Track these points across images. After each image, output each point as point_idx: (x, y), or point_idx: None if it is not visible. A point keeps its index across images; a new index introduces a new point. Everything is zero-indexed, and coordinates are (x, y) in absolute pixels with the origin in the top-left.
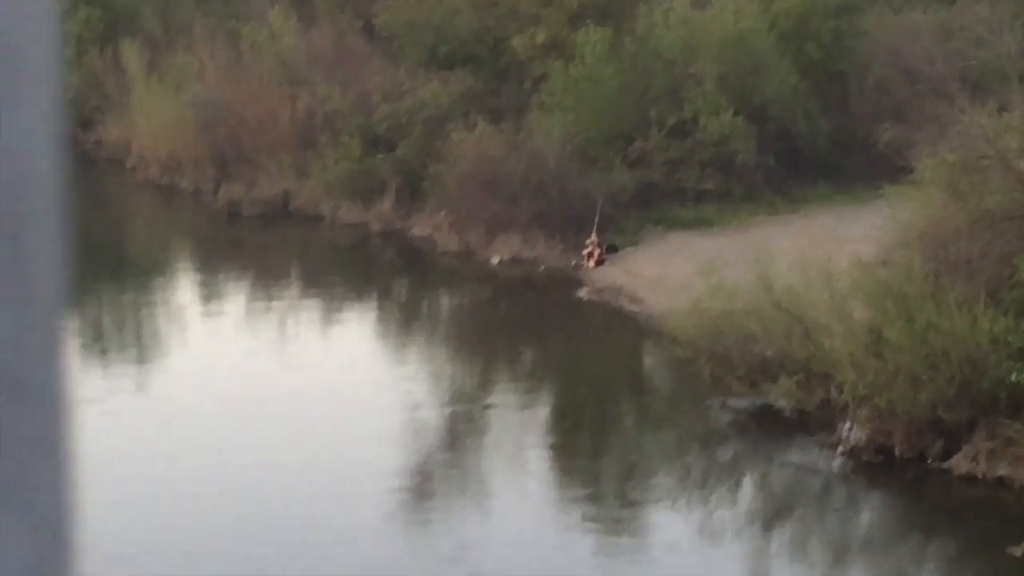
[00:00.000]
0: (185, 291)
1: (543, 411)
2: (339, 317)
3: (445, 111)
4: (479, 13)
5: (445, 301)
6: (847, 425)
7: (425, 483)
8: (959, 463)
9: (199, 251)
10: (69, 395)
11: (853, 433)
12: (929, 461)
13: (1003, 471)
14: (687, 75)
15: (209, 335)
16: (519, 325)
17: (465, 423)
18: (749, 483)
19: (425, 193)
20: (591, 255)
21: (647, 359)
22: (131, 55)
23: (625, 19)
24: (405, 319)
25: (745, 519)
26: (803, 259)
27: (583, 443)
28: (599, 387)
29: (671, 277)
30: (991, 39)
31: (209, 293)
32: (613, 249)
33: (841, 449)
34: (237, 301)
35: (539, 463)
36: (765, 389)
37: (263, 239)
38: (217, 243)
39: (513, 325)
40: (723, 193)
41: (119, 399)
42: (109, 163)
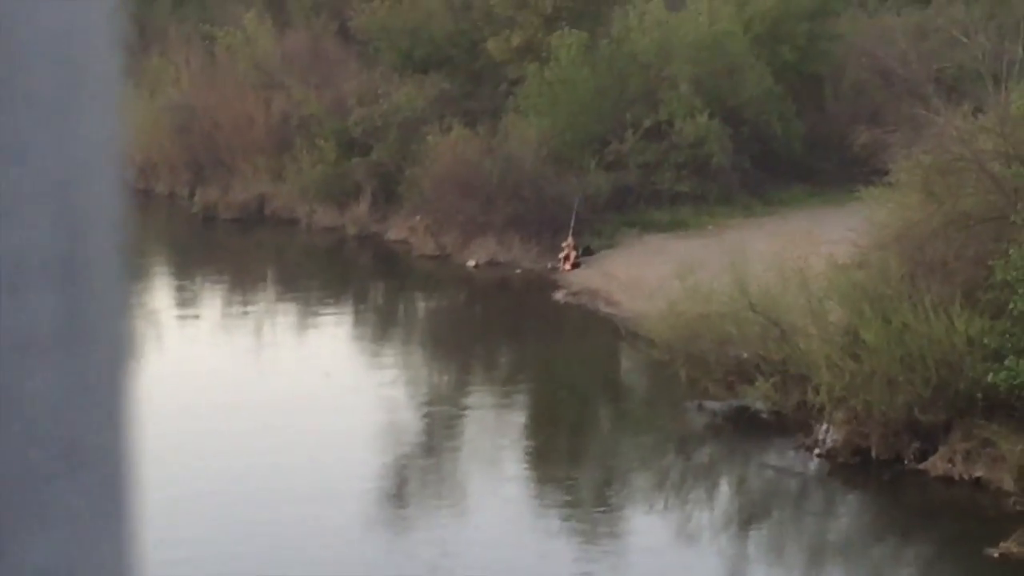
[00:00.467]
0: (161, 295)
1: (520, 414)
2: (316, 321)
3: (420, 114)
4: (454, 16)
5: (422, 304)
6: (824, 427)
7: (403, 488)
8: (936, 464)
9: (175, 255)
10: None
11: (830, 435)
12: (906, 462)
13: (980, 472)
14: (662, 78)
15: (185, 340)
16: (496, 328)
17: (443, 427)
18: (726, 485)
19: (401, 196)
20: (567, 258)
21: (624, 361)
22: None
23: (600, 22)
24: (382, 322)
25: (722, 521)
26: (779, 261)
27: (560, 446)
28: (576, 390)
29: (647, 279)
30: (966, 41)
31: (185, 297)
32: (589, 252)
33: (818, 451)
34: (213, 305)
35: (517, 467)
36: (742, 391)
37: (239, 243)
38: (193, 247)
39: (490, 328)
40: (699, 195)
41: None
42: None
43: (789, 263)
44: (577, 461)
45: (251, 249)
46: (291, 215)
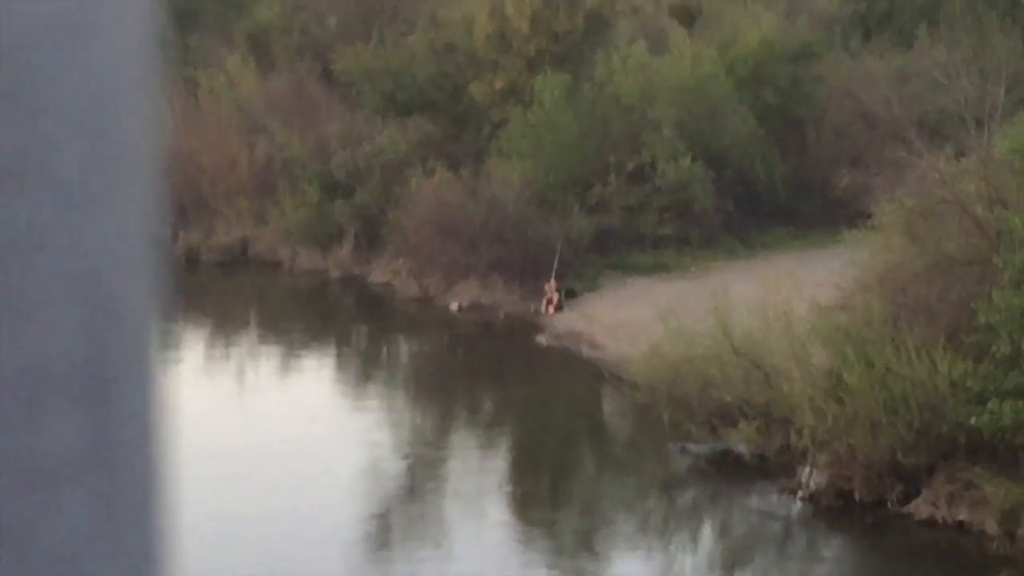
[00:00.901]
0: None
1: (504, 458)
2: (299, 365)
3: (403, 157)
4: (437, 59)
5: (405, 347)
6: (807, 470)
7: (384, 533)
8: (919, 507)
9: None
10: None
11: (813, 478)
12: (889, 505)
13: (963, 515)
14: (645, 121)
15: (167, 384)
16: (479, 371)
17: (425, 471)
18: (709, 529)
19: (384, 239)
20: (550, 301)
21: (607, 405)
22: None
23: (583, 65)
24: (365, 366)
25: (706, 565)
26: (762, 304)
27: (543, 490)
28: (559, 433)
29: (630, 323)
30: (948, 84)
31: (167, 341)
32: (572, 295)
33: (801, 494)
34: (196, 348)
35: (500, 511)
36: (725, 434)
37: (222, 286)
38: (175, 290)
39: (473, 371)
40: (681, 238)
41: None
42: None
43: (772, 306)
44: (560, 505)
45: (234, 292)
46: (274, 257)
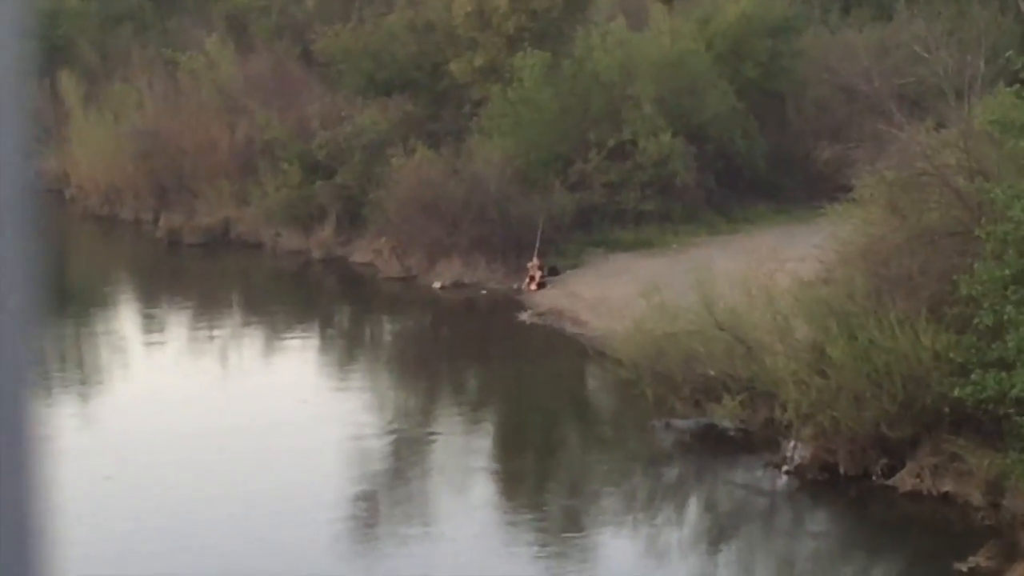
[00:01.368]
0: (126, 321)
1: (488, 435)
2: (282, 345)
3: (384, 136)
4: (416, 38)
5: (388, 326)
6: (791, 444)
7: (370, 512)
8: (903, 480)
9: (140, 281)
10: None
11: (797, 451)
12: (874, 478)
13: (948, 487)
14: (625, 97)
15: (152, 366)
16: (462, 349)
17: (410, 449)
18: (694, 504)
19: (366, 219)
20: (532, 278)
21: (590, 381)
22: (69, 85)
23: (563, 42)
24: (348, 345)
25: (691, 540)
26: (744, 279)
27: (528, 467)
28: (543, 410)
29: (613, 299)
30: (927, 56)
31: (151, 323)
32: (554, 272)
33: (786, 468)
34: (179, 331)
35: (484, 488)
36: (709, 409)
37: (204, 267)
38: (158, 272)
39: (456, 349)
40: (663, 214)
41: (62, 432)
42: (48, 194)
43: (755, 280)
44: (545, 482)
45: (216, 273)
46: (256, 239)
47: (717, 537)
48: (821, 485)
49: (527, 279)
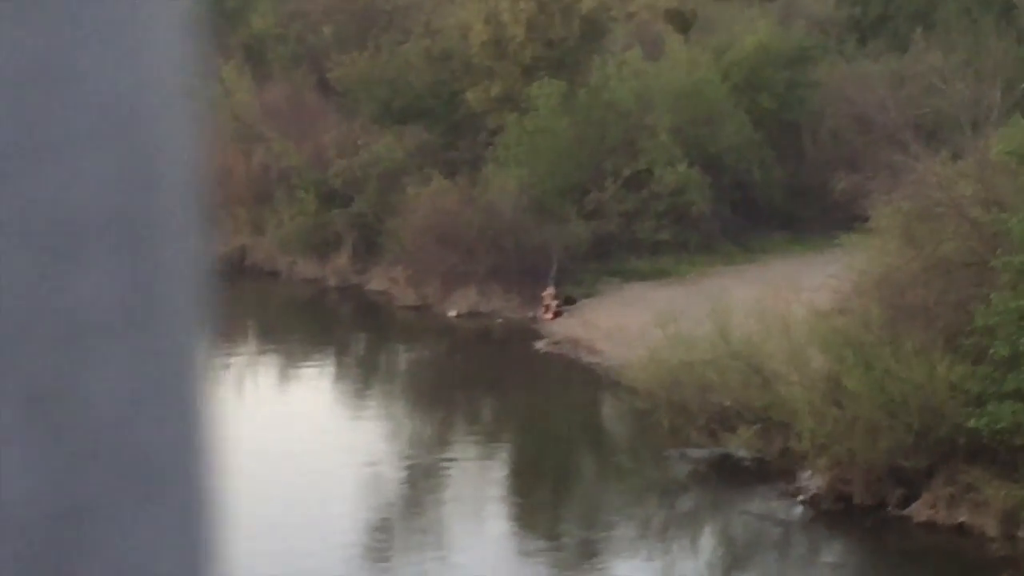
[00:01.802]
0: None
1: (503, 464)
2: (297, 373)
3: (400, 165)
4: (433, 67)
5: (403, 355)
6: (806, 474)
7: (386, 539)
8: (919, 510)
9: None
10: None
11: (812, 481)
12: (889, 508)
13: (963, 517)
14: (642, 126)
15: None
16: (478, 378)
17: (426, 477)
18: (710, 533)
19: (381, 247)
20: (548, 307)
21: (606, 410)
22: None
23: (579, 71)
24: (364, 374)
25: (706, 569)
26: (760, 308)
27: (543, 495)
28: (559, 439)
29: (628, 328)
30: (943, 87)
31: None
32: (570, 301)
33: (801, 497)
34: None
35: (500, 516)
36: (724, 439)
37: (219, 296)
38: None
39: (472, 378)
40: (679, 244)
41: None
42: None
43: (770, 310)
44: (560, 511)
45: (232, 301)
46: (272, 267)
47: (732, 567)
48: (836, 515)
49: (543, 308)
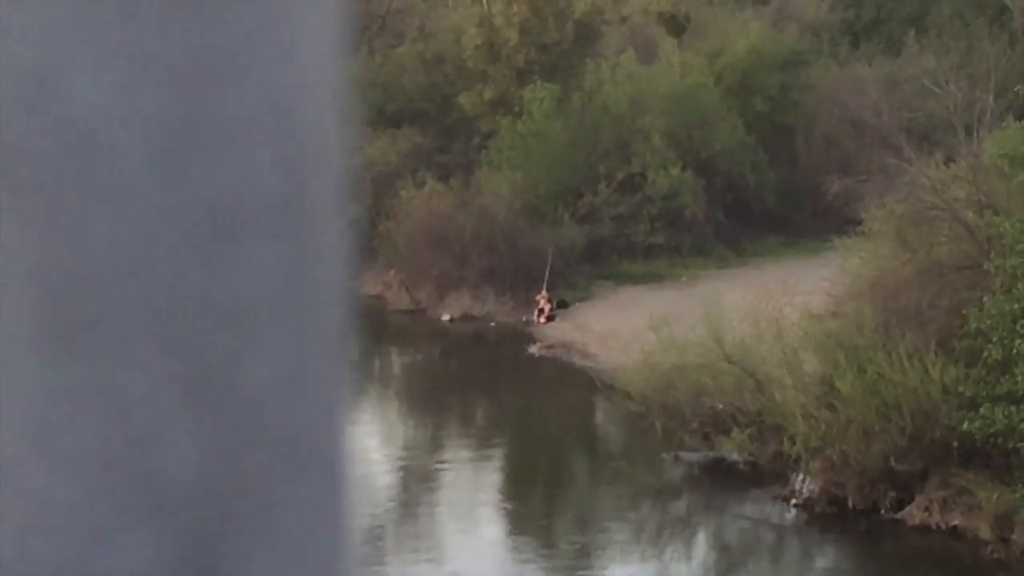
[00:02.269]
0: None
1: (497, 468)
2: None
3: (393, 169)
4: (426, 71)
5: (397, 359)
6: (800, 477)
7: (378, 547)
8: (912, 513)
9: None
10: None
11: (806, 485)
12: (882, 512)
13: (956, 520)
14: (635, 130)
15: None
16: (471, 381)
17: (419, 480)
18: (703, 537)
19: (375, 251)
20: (541, 311)
21: (599, 414)
22: None
23: (572, 75)
24: (357, 378)
25: (701, 573)
26: (753, 312)
27: (537, 499)
28: (552, 442)
29: (622, 332)
30: (937, 91)
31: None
32: (564, 304)
33: (794, 501)
34: None
35: (493, 520)
36: (718, 442)
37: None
38: None
39: (465, 381)
40: (672, 247)
41: None
42: None
43: (763, 314)
44: (554, 515)
45: None
46: None
47: (726, 570)
48: (830, 518)
49: (536, 312)
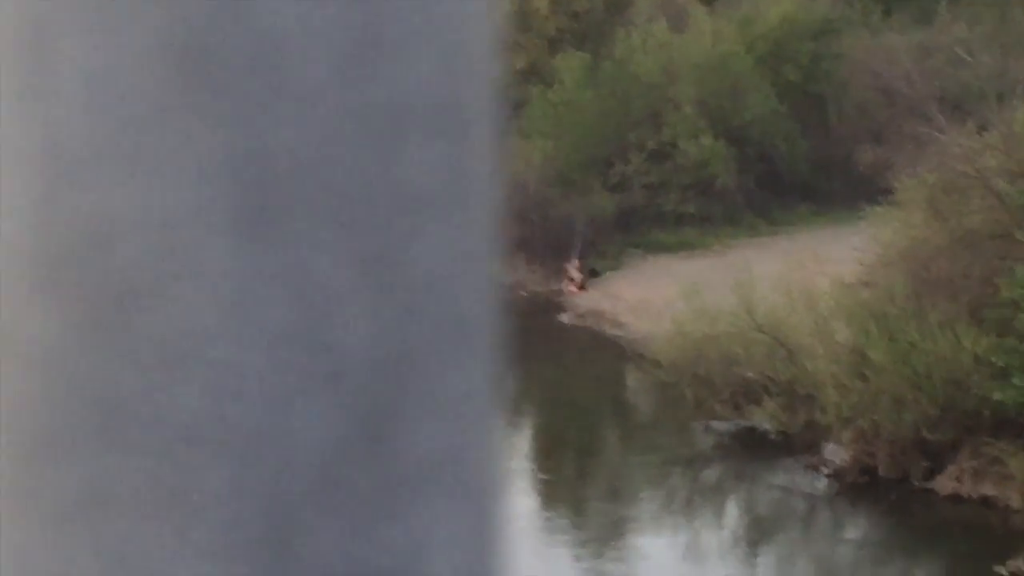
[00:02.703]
0: None
1: (527, 436)
2: None
3: None
4: None
5: None
6: (831, 447)
7: None
8: (943, 483)
9: None
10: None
11: (837, 454)
12: (914, 481)
13: (988, 490)
14: (666, 99)
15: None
16: (502, 350)
17: None
18: (734, 506)
19: None
20: (572, 280)
21: (630, 383)
22: None
23: (604, 44)
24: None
25: (730, 542)
26: (785, 281)
27: (567, 468)
28: (583, 411)
29: (653, 301)
30: (969, 59)
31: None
32: (595, 273)
33: (825, 470)
34: None
35: (524, 489)
36: (748, 412)
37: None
38: None
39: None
40: (704, 216)
41: None
42: None
43: (795, 283)
44: (584, 483)
45: None
46: None
47: (757, 540)
48: (861, 488)
49: (567, 280)
